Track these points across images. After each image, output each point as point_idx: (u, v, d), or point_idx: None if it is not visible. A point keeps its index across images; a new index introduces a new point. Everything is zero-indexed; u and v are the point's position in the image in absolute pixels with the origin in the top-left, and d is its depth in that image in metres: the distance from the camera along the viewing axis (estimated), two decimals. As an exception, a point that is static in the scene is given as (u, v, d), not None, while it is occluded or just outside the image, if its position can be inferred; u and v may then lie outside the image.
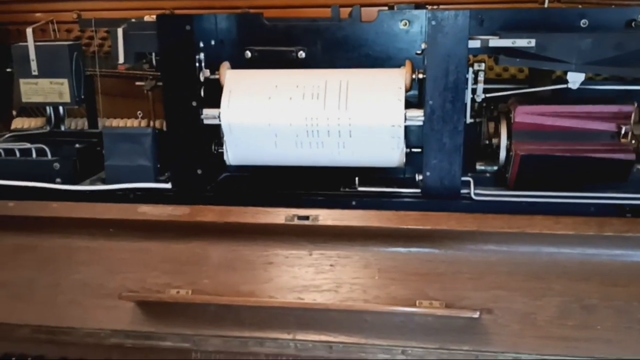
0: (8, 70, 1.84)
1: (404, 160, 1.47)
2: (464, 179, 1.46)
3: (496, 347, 1.32)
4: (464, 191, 1.46)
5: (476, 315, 1.30)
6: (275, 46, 1.61)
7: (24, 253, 1.54)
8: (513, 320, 1.33)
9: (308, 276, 1.42)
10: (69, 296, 1.49)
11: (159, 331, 1.42)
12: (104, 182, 1.60)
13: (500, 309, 1.34)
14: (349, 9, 1.60)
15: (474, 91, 1.43)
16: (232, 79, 1.51)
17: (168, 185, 1.56)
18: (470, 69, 1.41)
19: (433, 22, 1.36)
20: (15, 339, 1.48)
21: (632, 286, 1.33)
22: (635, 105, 1.42)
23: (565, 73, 1.42)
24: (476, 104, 1.48)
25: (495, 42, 1.39)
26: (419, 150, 1.47)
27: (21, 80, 1.69)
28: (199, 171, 1.54)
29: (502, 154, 1.49)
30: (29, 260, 1.54)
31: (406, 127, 1.44)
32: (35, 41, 1.66)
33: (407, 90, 1.45)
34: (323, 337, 1.37)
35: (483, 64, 1.42)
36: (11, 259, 1.55)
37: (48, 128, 1.81)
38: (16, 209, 1.54)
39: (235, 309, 1.41)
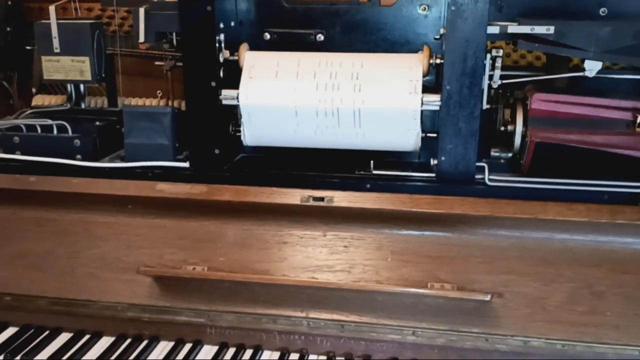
0: (28, 47, 1.87)
1: (420, 144, 1.49)
2: (478, 164, 1.47)
3: (506, 331, 1.33)
4: (478, 176, 1.47)
5: (487, 298, 1.31)
6: (293, 28, 1.62)
7: (44, 226, 1.57)
8: (523, 305, 1.34)
9: (322, 256, 1.44)
10: (87, 270, 1.52)
11: (175, 306, 1.45)
12: (123, 159, 1.63)
13: (510, 293, 1.35)
14: (368, -7, 1.61)
15: (490, 77, 1.44)
16: (251, 60, 1.52)
17: (186, 164, 1.58)
18: (488, 55, 1.42)
19: (453, 7, 1.36)
20: (34, 310, 1.52)
21: (642, 274, 1.34)
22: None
23: (582, 61, 1.43)
24: (492, 90, 1.48)
25: (514, 28, 1.40)
26: (434, 135, 1.48)
27: (43, 57, 1.70)
28: (217, 151, 1.56)
29: (517, 141, 1.50)
30: (49, 234, 1.56)
31: (421, 112, 1.45)
32: (57, 19, 1.67)
33: (424, 75, 1.46)
34: (335, 316, 1.39)
35: (501, 50, 1.43)
36: (31, 232, 1.57)
37: (68, 105, 1.83)
38: (37, 184, 1.57)
39: (250, 287, 1.43)
